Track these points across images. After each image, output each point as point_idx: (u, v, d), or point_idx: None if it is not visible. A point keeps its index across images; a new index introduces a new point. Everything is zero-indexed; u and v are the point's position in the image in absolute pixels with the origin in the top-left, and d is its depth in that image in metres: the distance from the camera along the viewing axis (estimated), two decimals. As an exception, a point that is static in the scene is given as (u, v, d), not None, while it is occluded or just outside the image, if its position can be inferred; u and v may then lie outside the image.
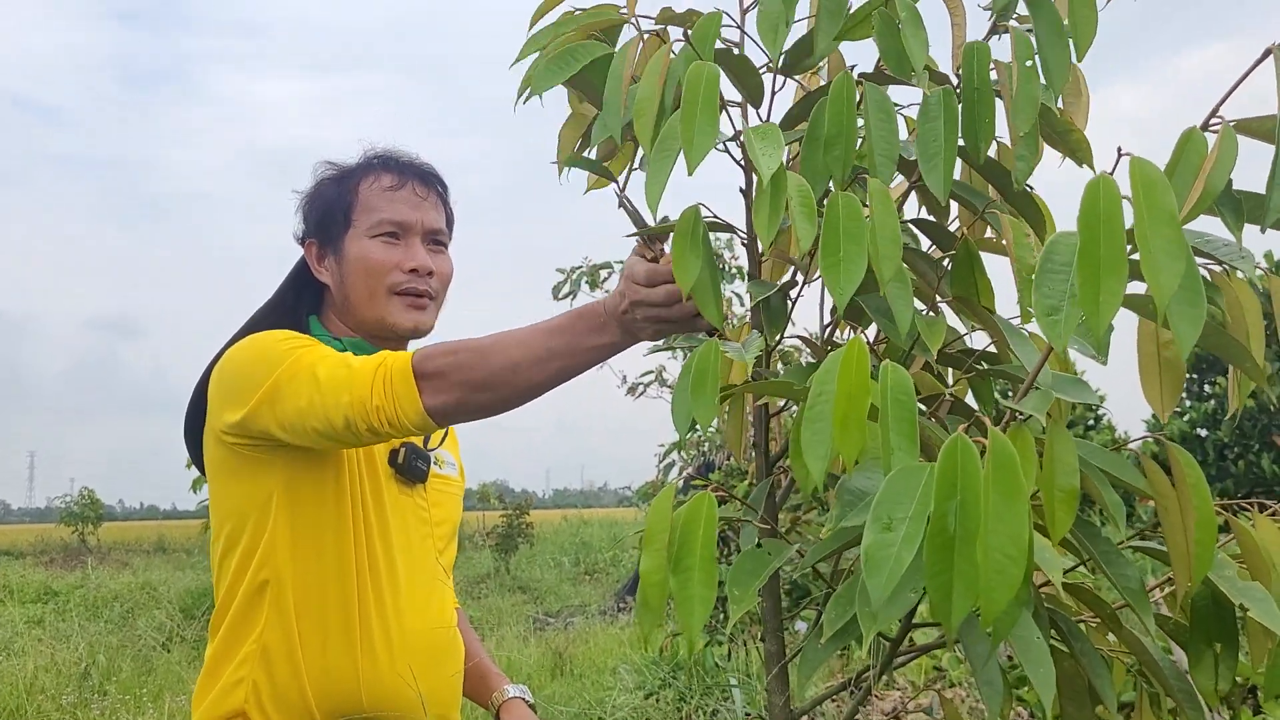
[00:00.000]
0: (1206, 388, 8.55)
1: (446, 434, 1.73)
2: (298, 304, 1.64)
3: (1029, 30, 1.15)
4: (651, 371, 8.48)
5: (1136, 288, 1.01)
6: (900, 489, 0.82)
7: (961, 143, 1.10)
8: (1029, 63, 1.09)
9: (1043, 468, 0.93)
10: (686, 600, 1.00)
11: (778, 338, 1.24)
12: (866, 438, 0.92)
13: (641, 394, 8.52)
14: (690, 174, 1.11)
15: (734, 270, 7.41)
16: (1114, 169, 0.85)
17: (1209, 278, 1.09)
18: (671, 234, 1.14)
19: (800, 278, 1.28)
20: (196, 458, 1.58)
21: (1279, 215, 0.92)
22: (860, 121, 1.12)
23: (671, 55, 1.16)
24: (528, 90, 1.25)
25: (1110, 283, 0.79)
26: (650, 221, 1.21)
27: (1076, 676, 1.06)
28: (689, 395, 1.16)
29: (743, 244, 1.29)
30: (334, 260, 1.60)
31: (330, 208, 1.61)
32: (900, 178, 1.28)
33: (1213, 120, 0.94)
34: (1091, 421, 9.49)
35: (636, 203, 1.22)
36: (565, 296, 8.33)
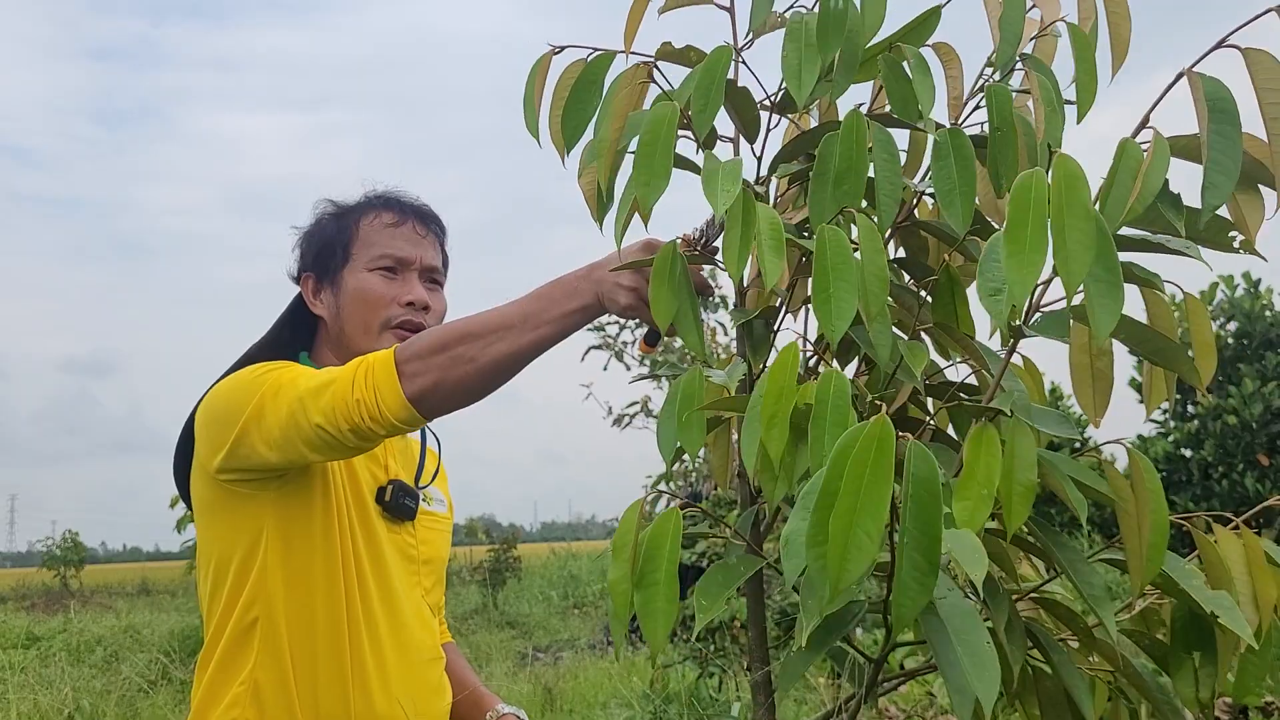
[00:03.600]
0: (1190, 408, 8.57)
1: (437, 471, 1.74)
2: (293, 339, 1.67)
3: (1024, 91, 1.20)
4: (637, 402, 8.48)
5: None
6: None
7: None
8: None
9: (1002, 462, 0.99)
10: (651, 614, 1.04)
11: (761, 364, 1.26)
12: (787, 434, 1.00)
13: (628, 425, 8.51)
14: (645, 220, 1.15)
15: (719, 300, 7.44)
16: (1049, 167, 0.94)
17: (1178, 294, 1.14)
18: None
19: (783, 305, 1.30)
20: (185, 495, 1.58)
21: (1212, 214, 1.01)
22: None
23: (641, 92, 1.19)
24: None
25: (1033, 256, 0.89)
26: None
27: (1057, 694, 1.08)
28: (675, 423, 1.18)
29: (724, 272, 1.31)
30: (331, 293, 1.63)
31: (330, 242, 1.64)
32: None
33: (1143, 131, 1.03)
34: (1078, 445, 9.52)
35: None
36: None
